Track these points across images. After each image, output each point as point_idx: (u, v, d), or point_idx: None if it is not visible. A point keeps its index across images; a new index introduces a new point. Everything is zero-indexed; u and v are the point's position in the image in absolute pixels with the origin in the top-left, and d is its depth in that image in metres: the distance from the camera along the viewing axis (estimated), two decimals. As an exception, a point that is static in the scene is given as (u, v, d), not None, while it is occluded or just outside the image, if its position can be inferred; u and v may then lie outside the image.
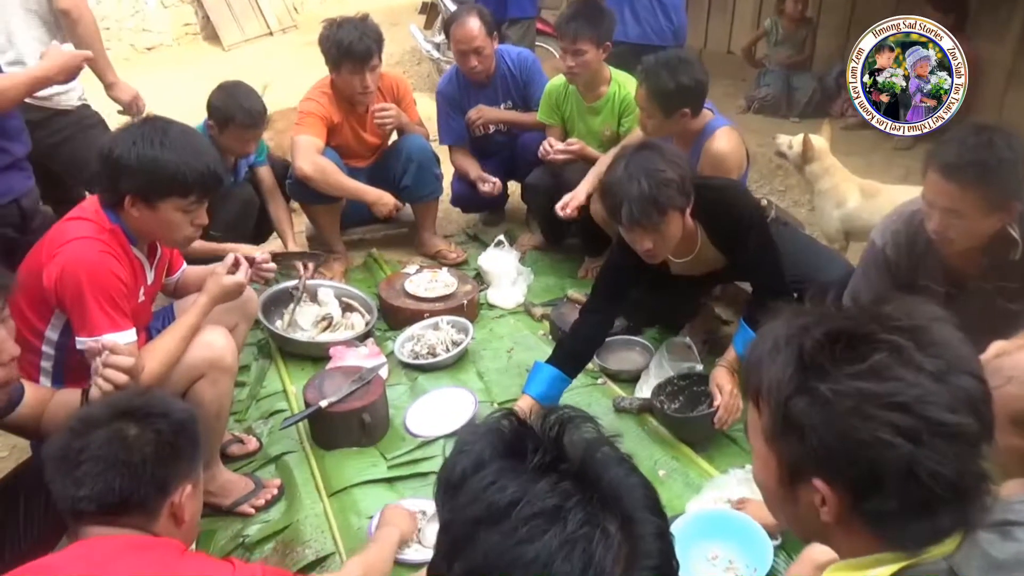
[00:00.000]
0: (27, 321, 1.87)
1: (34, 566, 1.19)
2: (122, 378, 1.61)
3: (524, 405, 2.28)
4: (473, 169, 3.57)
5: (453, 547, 0.74)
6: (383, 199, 3.26)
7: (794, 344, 0.90)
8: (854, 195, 3.09)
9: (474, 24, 3.34)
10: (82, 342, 1.81)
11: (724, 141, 2.69)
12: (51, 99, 2.72)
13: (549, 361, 2.38)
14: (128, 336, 1.85)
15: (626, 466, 0.79)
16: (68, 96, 2.78)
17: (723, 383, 2.27)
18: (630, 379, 2.68)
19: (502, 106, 3.59)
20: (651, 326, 2.93)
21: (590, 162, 3.15)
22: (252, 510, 2.18)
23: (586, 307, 2.51)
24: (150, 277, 2.06)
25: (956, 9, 4.53)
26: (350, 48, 3.11)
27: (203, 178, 1.91)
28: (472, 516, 0.73)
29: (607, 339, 2.76)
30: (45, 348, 1.91)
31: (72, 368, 1.89)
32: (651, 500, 0.78)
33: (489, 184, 3.49)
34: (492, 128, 3.62)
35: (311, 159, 3.16)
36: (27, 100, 2.41)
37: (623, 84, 3.21)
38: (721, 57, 6.14)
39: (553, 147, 3.19)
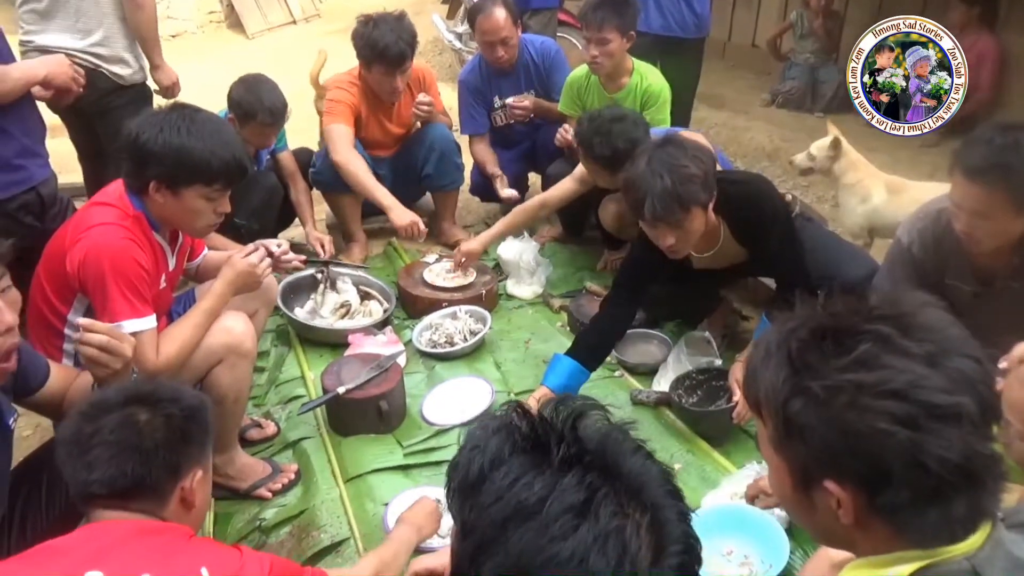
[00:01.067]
0: (51, 304, 1.90)
1: (43, 548, 1.20)
2: (115, 363, 1.58)
3: (541, 396, 2.28)
4: (491, 163, 3.56)
5: (480, 549, 0.73)
6: (402, 218, 3.10)
7: (783, 348, 0.89)
8: (879, 191, 3.04)
9: (500, 14, 3.32)
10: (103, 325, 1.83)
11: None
12: (118, 74, 2.91)
13: (568, 353, 2.37)
14: (148, 323, 1.87)
15: (643, 453, 0.79)
16: (134, 73, 2.96)
17: (742, 379, 2.25)
18: (648, 372, 2.67)
19: (528, 95, 3.57)
20: (672, 320, 2.92)
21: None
22: (269, 494, 2.20)
23: (607, 300, 2.50)
24: (171, 263, 2.08)
25: (982, 2, 4.45)
26: (384, 52, 3.09)
27: (228, 167, 1.92)
28: (499, 516, 0.72)
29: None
30: (67, 331, 1.93)
31: None
32: (670, 485, 0.78)
33: (507, 192, 3.46)
34: (513, 119, 3.61)
35: (346, 153, 3.17)
36: (98, 68, 2.83)
37: (645, 75, 3.18)
38: (746, 50, 6.08)
39: (570, 132, 3.16)
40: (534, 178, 3.89)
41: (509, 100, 3.51)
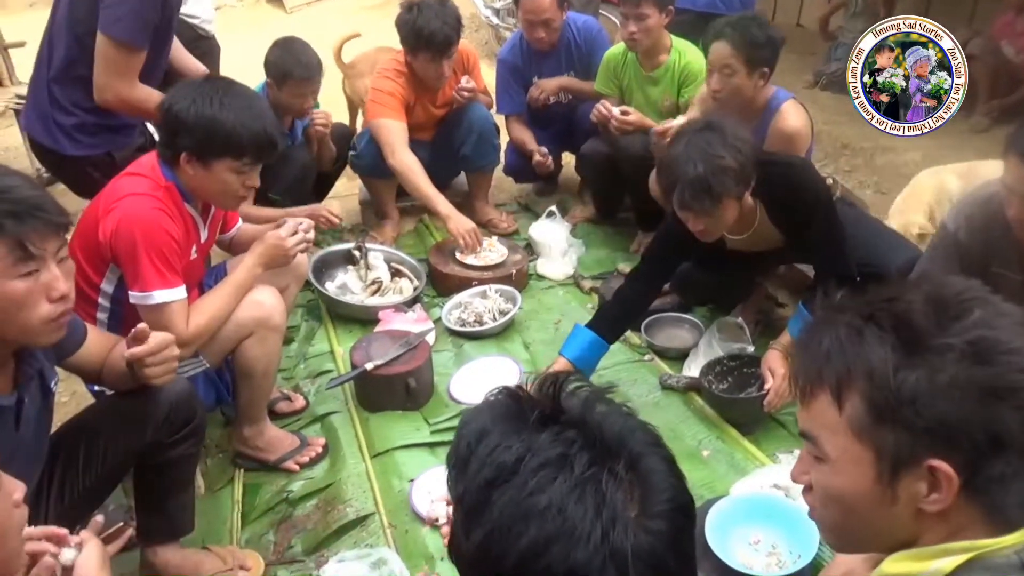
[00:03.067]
0: (84, 273, 1.92)
1: None
2: (164, 372, 1.59)
3: (559, 367, 2.27)
4: (529, 141, 3.52)
5: (468, 516, 0.75)
6: (462, 225, 3.02)
7: (882, 320, 0.84)
8: (951, 180, 2.88)
9: None
10: (135, 296, 1.86)
11: (794, 118, 2.60)
12: (200, 23, 3.26)
13: (589, 325, 2.35)
14: (178, 293, 1.88)
15: (624, 412, 0.80)
16: (211, 25, 3.32)
17: (776, 366, 2.21)
18: (678, 356, 2.64)
19: (566, 76, 3.52)
20: (704, 305, 2.87)
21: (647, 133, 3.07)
22: (296, 467, 2.22)
23: (633, 273, 2.47)
24: (203, 235, 2.09)
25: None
26: (430, 38, 3.04)
27: (258, 140, 1.91)
28: (483, 481, 0.74)
29: (657, 315, 2.72)
30: (101, 300, 1.96)
31: (127, 320, 1.93)
32: (653, 438, 0.79)
33: (542, 156, 3.43)
34: (552, 99, 3.56)
35: (403, 156, 3.13)
36: (185, 19, 3.07)
37: (684, 52, 3.11)
38: (790, 29, 5.93)
39: (609, 110, 3.09)
40: (568, 158, 3.85)
41: (532, 91, 3.44)
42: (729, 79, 2.58)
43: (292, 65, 2.97)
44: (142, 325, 1.57)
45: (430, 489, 2.07)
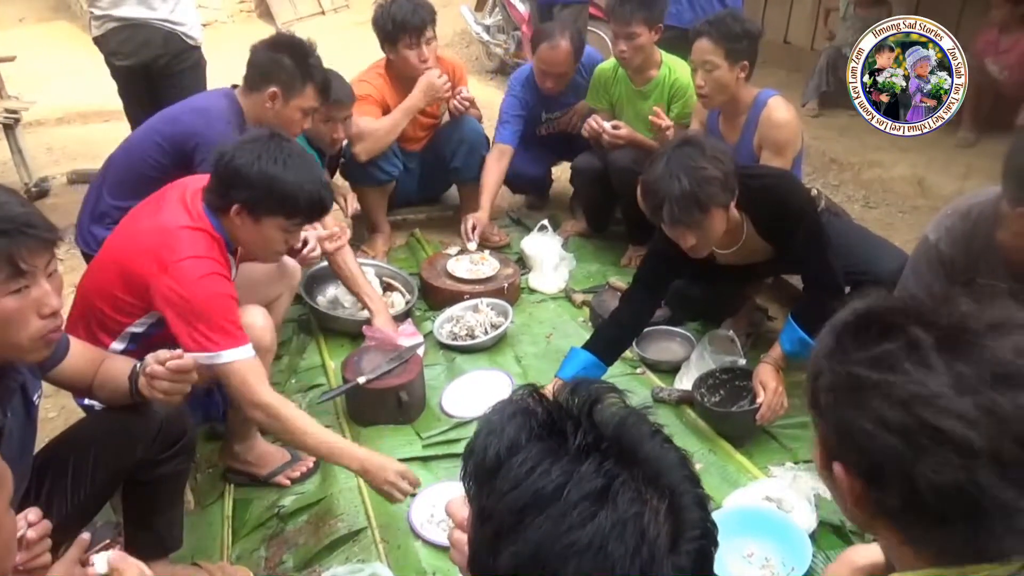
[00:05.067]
0: (115, 306, 1.90)
1: None
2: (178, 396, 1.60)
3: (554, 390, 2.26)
4: (486, 194, 3.33)
5: (498, 536, 0.73)
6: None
7: (835, 323, 0.90)
8: None
9: (565, 49, 3.24)
10: (199, 356, 1.80)
11: (782, 110, 2.67)
12: (191, 36, 3.38)
13: (585, 347, 2.35)
14: (247, 351, 1.85)
15: (660, 438, 0.77)
16: (196, 32, 3.41)
17: (767, 380, 2.22)
18: (670, 370, 2.64)
19: (568, 110, 3.54)
20: (696, 320, 2.88)
21: (639, 148, 3.09)
22: (287, 481, 2.21)
23: (627, 295, 2.48)
24: (234, 274, 2.08)
25: (1027, 1, 4.34)
26: (405, 21, 3.11)
27: (312, 203, 1.94)
28: (517, 504, 0.71)
29: (648, 328, 2.73)
30: (123, 332, 1.93)
31: (139, 354, 1.91)
32: (688, 471, 0.77)
33: (471, 243, 3.19)
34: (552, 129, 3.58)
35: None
36: (174, 31, 3.31)
37: (673, 68, 3.14)
38: (778, 47, 5.99)
39: (600, 124, 3.13)
40: (558, 172, 3.87)
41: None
42: (711, 74, 2.64)
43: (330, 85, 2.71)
44: (166, 352, 1.56)
45: (432, 512, 2.05)
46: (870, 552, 1.23)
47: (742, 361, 2.53)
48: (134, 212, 2.05)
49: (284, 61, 2.47)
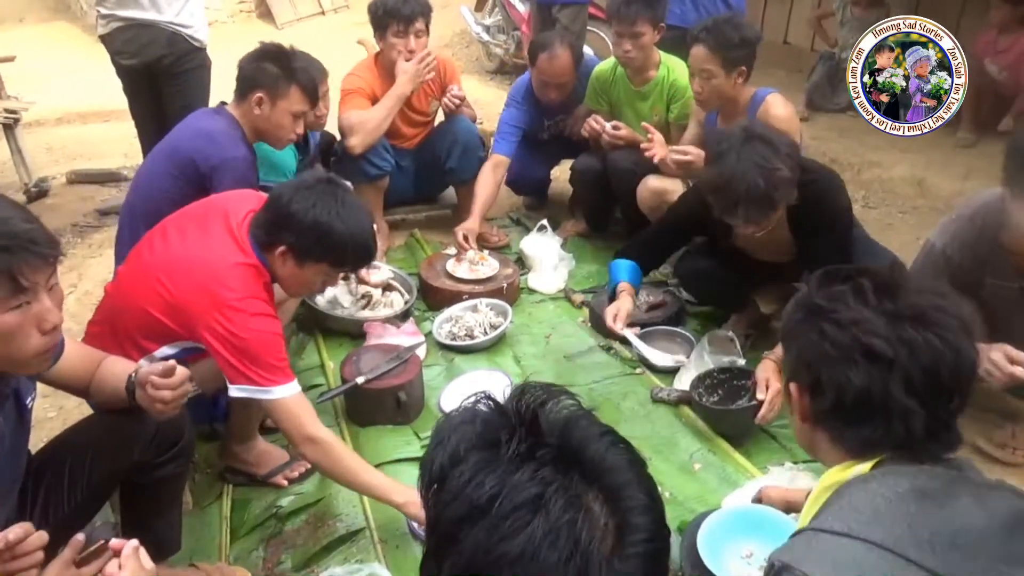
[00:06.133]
0: (145, 331, 1.89)
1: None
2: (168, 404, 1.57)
3: (625, 292, 2.58)
4: (482, 199, 3.31)
5: (439, 547, 0.74)
6: None
7: (807, 290, 1.15)
8: None
9: (565, 60, 3.24)
10: (242, 389, 1.83)
11: (780, 106, 2.69)
12: (197, 38, 3.37)
13: (622, 256, 2.63)
14: (293, 388, 1.87)
15: (608, 439, 0.77)
16: (203, 35, 3.40)
17: (770, 377, 2.22)
18: (669, 370, 2.64)
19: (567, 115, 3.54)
20: (705, 302, 2.90)
21: (638, 149, 3.09)
22: (286, 482, 2.20)
23: (648, 236, 2.67)
24: None
25: (1025, 1, 4.33)
26: (395, 10, 3.13)
27: (359, 255, 1.96)
28: (455, 515, 0.72)
29: (647, 328, 2.73)
30: (150, 352, 1.90)
31: None
32: (637, 473, 0.76)
33: (470, 252, 3.17)
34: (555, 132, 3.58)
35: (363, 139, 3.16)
36: (179, 33, 3.31)
37: (672, 68, 3.14)
38: (777, 48, 5.99)
39: (600, 124, 3.13)
40: (557, 172, 3.86)
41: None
42: (709, 81, 2.67)
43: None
44: (159, 364, 1.54)
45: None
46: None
47: (741, 361, 2.53)
48: (173, 227, 2.01)
49: (267, 67, 2.54)
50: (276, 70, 2.53)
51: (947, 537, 0.91)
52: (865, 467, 1.04)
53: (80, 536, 1.27)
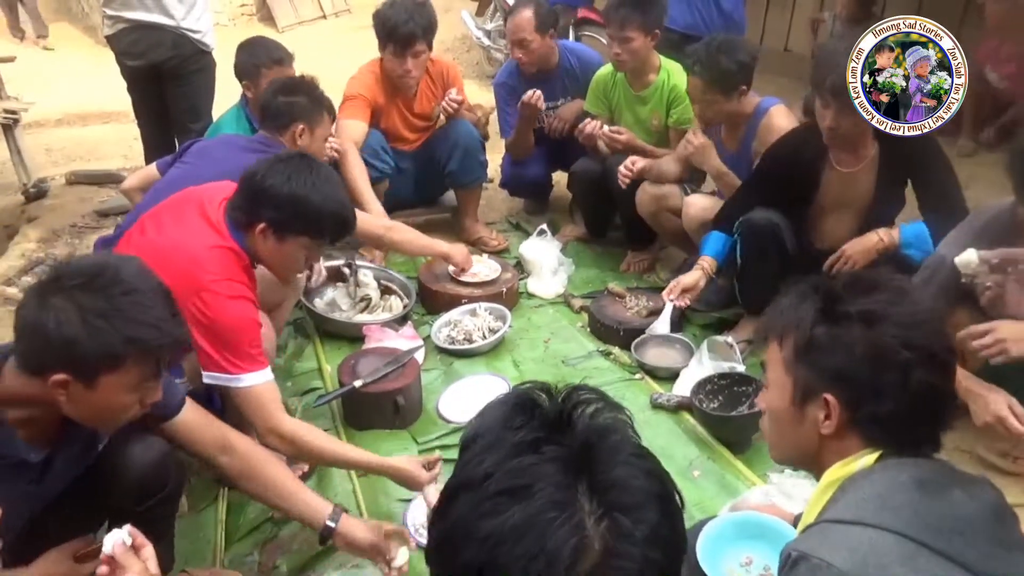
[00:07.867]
0: None
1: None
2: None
3: (706, 264, 2.61)
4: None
5: (436, 509, 0.75)
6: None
7: (819, 290, 1.13)
8: None
9: (525, 15, 3.28)
10: (212, 376, 1.84)
11: (783, 117, 2.71)
12: (204, 42, 3.40)
13: (713, 228, 2.66)
14: (265, 375, 1.86)
15: (638, 461, 0.73)
16: (209, 39, 3.43)
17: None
18: (669, 376, 2.63)
19: (560, 102, 3.54)
20: (763, 306, 2.87)
21: (638, 153, 3.09)
22: (283, 485, 2.18)
23: (743, 189, 2.66)
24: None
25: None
26: (394, 30, 3.12)
27: (337, 226, 1.97)
28: (455, 482, 0.74)
29: (646, 335, 2.72)
30: None
31: None
32: (655, 500, 0.72)
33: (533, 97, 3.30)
34: (545, 121, 3.57)
35: (351, 155, 3.14)
36: (185, 36, 3.34)
37: (672, 72, 3.14)
38: (778, 55, 5.99)
39: (599, 127, 3.13)
40: (558, 176, 3.86)
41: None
42: (710, 107, 2.72)
43: (261, 56, 2.97)
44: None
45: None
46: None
47: (740, 367, 2.52)
48: (150, 221, 2.01)
49: (300, 100, 2.60)
50: (307, 101, 2.60)
51: (949, 523, 0.97)
52: (870, 459, 1.07)
53: (91, 537, 1.28)
